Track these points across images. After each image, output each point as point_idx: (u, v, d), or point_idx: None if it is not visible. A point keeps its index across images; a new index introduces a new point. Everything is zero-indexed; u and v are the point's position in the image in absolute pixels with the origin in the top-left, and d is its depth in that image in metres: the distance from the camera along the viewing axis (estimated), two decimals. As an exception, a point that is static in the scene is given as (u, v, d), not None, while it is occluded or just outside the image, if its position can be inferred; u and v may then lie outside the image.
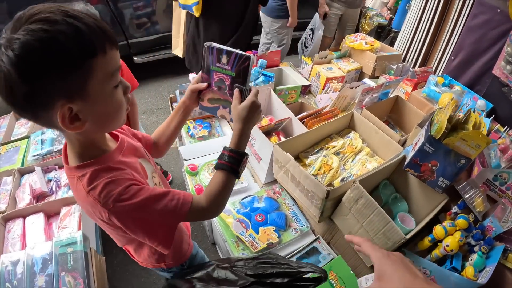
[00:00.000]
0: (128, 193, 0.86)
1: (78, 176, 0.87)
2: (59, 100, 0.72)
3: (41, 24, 0.66)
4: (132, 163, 0.99)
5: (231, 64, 1.03)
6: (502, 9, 2.05)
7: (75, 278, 1.59)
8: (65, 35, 0.67)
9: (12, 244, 1.78)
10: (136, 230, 0.91)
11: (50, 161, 2.24)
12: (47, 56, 0.66)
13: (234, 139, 1.06)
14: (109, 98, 0.80)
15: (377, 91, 2.03)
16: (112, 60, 0.76)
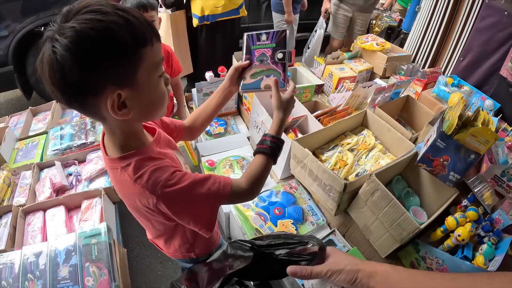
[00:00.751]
0: (174, 178, 0.90)
1: (122, 167, 0.90)
2: (110, 86, 0.75)
3: (95, 15, 0.69)
4: (169, 153, 1.04)
5: (270, 39, 1.12)
6: (510, 11, 2.11)
7: (100, 268, 1.62)
8: (118, 25, 0.71)
9: (33, 237, 1.82)
10: (182, 215, 0.95)
11: (69, 156, 2.29)
12: (102, 44, 0.69)
13: (275, 127, 1.12)
14: (154, 87, 0.84)
15: (389, 90, 2.11)
16: (157, 51, 0.81)
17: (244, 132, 2.49)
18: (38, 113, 2.85)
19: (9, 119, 2.79)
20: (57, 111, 2.77)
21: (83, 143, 2.34)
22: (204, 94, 2.40)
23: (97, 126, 2.52)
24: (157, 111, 0.90)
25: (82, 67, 0.69)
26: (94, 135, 2.41)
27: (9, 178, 2.15)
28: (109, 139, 0.94)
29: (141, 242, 2.41)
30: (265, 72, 1.13)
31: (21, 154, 2.40)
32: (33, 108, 2.80)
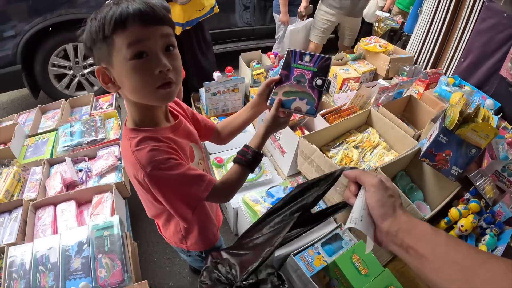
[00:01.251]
0: (167, 164, 0.95)
1: (129, 137, 0.98)
2: (102, 63, 0.91)
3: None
4: (181, 143, 1.09)
5: (313, 62, 1.07)
6: (509, 13, 2.17)
7: (113, 260, 1.64)
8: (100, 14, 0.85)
9: (43, 231, 1.85)
10: (163, 198, 1.01)
11: (80, 152, 2.33)
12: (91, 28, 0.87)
13: (258, 141, 1.13)
14: (128, 67, 0.87)
15: (392, 90, 2.17)
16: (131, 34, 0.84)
17: (251, 130, 2.54)
18: (47, 111, 2.88)
19: (17, 116, 2.83)
20: (66, 109, 2.82)
21: (93, 140, 2.38)
22: (212, 93, 2.45)
23: (107, 124, 2.57)
24: (142, 93, 0.93)
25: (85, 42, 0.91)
26: (104, 132, 2.45)
27: (19, 174, 2.18)
28: (128, 112, 1.04)
29: (148, 239, 2.45)
30: (299, 94, 1.09)
31: (31, 150, 2.43)
32: (42, 106, 2.84)
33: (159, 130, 1.02)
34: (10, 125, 2.51)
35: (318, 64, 1.07)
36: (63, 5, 3.37)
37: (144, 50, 0.86)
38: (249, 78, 2.56)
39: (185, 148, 1.12)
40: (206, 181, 1.04)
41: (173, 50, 0.92)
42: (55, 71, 3.66)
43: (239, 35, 4.62)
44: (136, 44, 0.85)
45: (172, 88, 0.93)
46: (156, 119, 1.04)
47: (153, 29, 0.86)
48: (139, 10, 0.84)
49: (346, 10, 3.71)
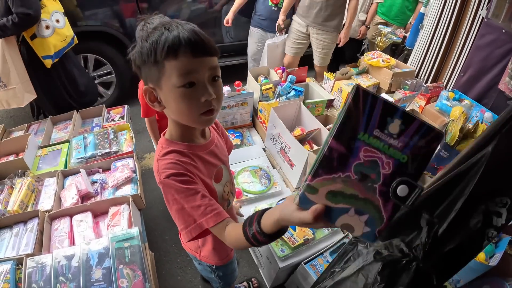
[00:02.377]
0: (180, 177, 0.97)
1: (162, 146, 1.05)
2: (150, 82, 0.95)
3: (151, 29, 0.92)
4: (210, 163, 1.12)
5: (404, 139, 0.56)
6: (507, 30, 2.27)
7: (134, 270, 1.68)
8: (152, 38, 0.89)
9: (60, 242, 1.87)
10: (168, 206, 1.02)
11: (94, 164, 2.36)
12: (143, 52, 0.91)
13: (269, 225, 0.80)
14: (176, 94, 0.91)
15: (396, 105, 2.25)
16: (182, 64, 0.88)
17: (259, 143, 2.63)
18: (58, 122, 2.94)
19: (28, 126, 2.88)
20: (78, 121, 2.87)
21: (107, 152, 2.43)
22: (222, 107, 2.52)
23: (119, 136, 2.63)
24: (184, 117, 0.98)
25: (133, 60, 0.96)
26: (117, 144, 2.51)
27: (33, 185, 2.20)
28: (169, 124, 1.08)
29: (160, 248, 2.50)
30: (357, 203, 0.61)
31: (43, 161, 2.47)
32: (53, 117, 2.89)
33: (189, 147, 1.06)
34: (22, 136, 2.54)
35: (414, 147, 0.56)
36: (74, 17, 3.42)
37: (192, 80, 0.90)
38: (258, 93, 2.63)
39: (213, 169, 1.14)
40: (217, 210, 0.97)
41: (217, 80, 0.95)
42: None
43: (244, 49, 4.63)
44: (187, 75, 0.89)
45: (214, 114, 0.98)
46: (192, 136, 1.09)
47: (202, 61, 0.90)
48: (190, 40, 0.87)
49: (310, 19, 3.40)
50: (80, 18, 3.45)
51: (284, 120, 2.18)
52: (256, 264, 2.27)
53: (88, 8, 3.40)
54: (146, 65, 0.93)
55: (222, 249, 1.39)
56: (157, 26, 0.92)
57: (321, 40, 3.49)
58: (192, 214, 0.97)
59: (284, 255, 1.82)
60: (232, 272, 1.61)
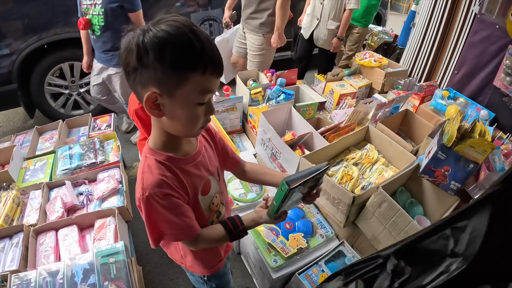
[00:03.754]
0: (165, 200, 0.97)
1: (146, 155, 1.01)
2: (153, 84, 0.84)
3: (169, 27, 0.80)
4: (196, 176, 1.08)
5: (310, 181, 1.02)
6: (501, 25, 2.22)
7: (119, 287, 1.62)
8: (179, 43, 0.80)
9: (46, 257, 1.81)
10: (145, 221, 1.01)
11: (79, 176, 2.29)
12: (159, 51, 0.79)
13: (250, 223, 1.18)
14: (188, 109, 0.89)
15: (389, 105, 2.20)
16: (206, 82, 0.85)
17: (250, 149, 2.56)
18: (44, 132, 2.86)
19: (14, 137, 2.79)
20: (64, 131, 2.79)
21: (93, 163, 2.36)
22: (210, 113, 2.47)
23: (106, 146, 2.56)
24: (184, 129, 0.95)
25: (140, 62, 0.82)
26: (103, 154, 2.44)
27: (18, 198, 2.14)
28: (152, 130, 1.02)
29: (151, 260, 2.43)
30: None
31: (29, 173, 2.40)
32: (39, 127, 2.81)
33: (175, 159, 1.02)
34: (7, 147, 2.47)
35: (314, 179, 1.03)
36: (58, 24, 3.38)
37: (206, 100, 0.89)
38: (247, 97, 2.57)
39: (199, 182, 1.10)
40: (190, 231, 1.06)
41: None
42: (51, 90, 3.65)
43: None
44: (207, 94, 0.88)
45: (206, 126, 1.00)
46: (177, 145, 1.04)
47: (218, 81, 0.90)
48: (217, 60, 0.86)
49: (243, 17, 3.28)
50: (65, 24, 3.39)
51: (275, 125, 2.11)
52: (250, 274, 2.21)
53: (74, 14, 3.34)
54: (159, 69, 0.82)
55: (207, 257, 1.35)
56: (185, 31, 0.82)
57: (248, 39, 3.32)
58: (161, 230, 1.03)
59: (277, 265, 1.75)
60: (226, 284, 1.55)
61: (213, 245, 1.19)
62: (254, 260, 2.00)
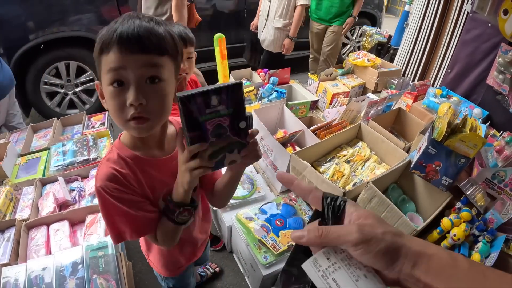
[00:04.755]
0: (114, 192, 0.93)
1: (113, 147, 1.00)
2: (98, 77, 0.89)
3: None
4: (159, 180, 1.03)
5: (225, 102, 0.77)
6: (493, 23, 2.23)
7: (108, 280, 1.63)
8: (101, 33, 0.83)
9: (36, 251, 1.82)
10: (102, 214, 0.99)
11: (72, 172, 2.30)
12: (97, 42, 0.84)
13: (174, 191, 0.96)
14: (106, 92, 0.86)
15: (381, 104, 2.20)
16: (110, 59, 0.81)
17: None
18: (38, 130, 2.86)
19: (9, 135, 2.80)
20: (58, 128, 2.80)
21: (86, 159, 2.37)
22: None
23: (99, 143, 2.56)
24: (116, 121, 0.89)
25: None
26: (96, 151, 2.44)
27: (11, 193, 2.15)
28: None
29: (143, 258, 2.39)
30: (226, 149, 0.84)
31: (23, 169, 2.41)
32: (33, 124, 2.82)
33: (139, 158, 0.98)
34: (1, 144, 2.47)
35: (231, 101, 0.78)
36: (55, 22, 3.39)
37: (119, 79, 0.82)
38: (240, 96, 2.58)
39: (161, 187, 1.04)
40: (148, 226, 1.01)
41: (157, 83, 0.85)
42: (46, 89, 3.66)
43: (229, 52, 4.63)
44: (113, 72, 0.82)
45: (145, 124, 0.86)
46: (145, 146, 1.00)
47: (133, 58, 0.81)
48: (123, 35, 0.80)
49: None
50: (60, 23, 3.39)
51: (267, 123, 2.11)
52: (242, 272, 2.20)
53: (68, 13, 3.34)
54: (95, 60, 0.87)
55: (166, 261, 1.34)
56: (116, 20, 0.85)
57: None
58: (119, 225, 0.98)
59: (267, 262, 1.74)
60: (184, 286, 1.58)
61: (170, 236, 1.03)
62: (245, 258, 2.00)
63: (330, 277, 0.49)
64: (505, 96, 2.15)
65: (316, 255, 0.51)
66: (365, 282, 0.48)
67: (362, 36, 4.16)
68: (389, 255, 0.47)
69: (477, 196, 1.58)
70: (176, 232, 1.03)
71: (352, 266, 0.49)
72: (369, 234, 0.47)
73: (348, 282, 0.48)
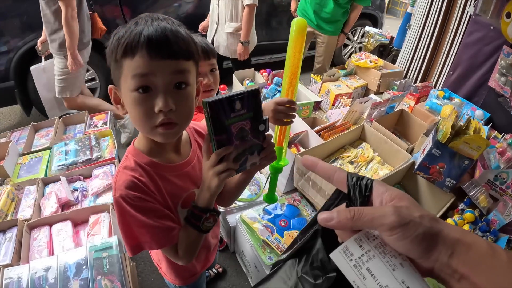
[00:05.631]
0: (135, 201, 0.89)
1: (128, 154, 0.96)
2: (114, 81, 0.87)
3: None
4: (178, 187, 1.00)
5: (246, 107, 0.81)
6: (495, 26, 2.24)
7: (112, 281, 1.61)
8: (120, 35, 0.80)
9: (39, 251, 1.80)
10: (118, 224, 0.93)
11: (74, 171, 2.29)
12: (109, 47, 0.83)
13: (199, 196, 0.94)
14: (128, 98, 0.83)
15: (384, 105, 2.21)
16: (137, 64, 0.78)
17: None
18: (40, 129, 2.85)
19: (10, 134, 2.79)
20: (60, 127, 2.80)
21: (88, 159, 2.36)
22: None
23: (102, 143, 2.56)
24: (141, 128, 0.88)
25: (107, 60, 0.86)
26: (99, 151, 2.43)
27: (13, 193, 2.14)
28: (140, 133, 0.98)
29: (145, 258, 2.42)
30: (247, 151, 0.87)
31: (25, 169, 2.40)
32: (35, 123, 2.81)
33: (157, 165, 0.96)
34: (3, 143, 2.46)
35: (251, 105, 0.82)
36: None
37: (147, 84, 0.80)
38: (243, 97, 2.58)
39: (181, 193, 1.03)
40: (169, 236, 0.96)
41: (184, 88, 0.84)
42: (48, 89, 3.65)
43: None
44: (141, 78, 0.79)
45: (174, 130, 0.86)
46: (162, 151, 0.98)
47: (163, 64, 0.79)
48: (151, 39, 0.77)
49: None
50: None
51: (270, 124, 2.11)
52: (245, 272, 2.20)
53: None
54: (111, 64, 0.84)
55: (180, 269, 1.30)
56: (132, 21, 0.82)
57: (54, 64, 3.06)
58: (138, 236, 0.93)
59: (271, 263, 1.75)
60: None
61: (192, 247, 0.99)
62: (249, 258, 2.00)
63: (364, 267, 0.45)
64: (507, 98, 2.16)
65: (346, 243, 0.47)
66: (402, 272, 0.44)
67: (364, 37, 4.15)
68: (427, 241, 0.43)
69: (480, 198, 1.59)
70: (199, 242, 1.00)
71: (387, 254, 0.45)
72: (406, 217, 0.43)
73: (385, 272, 0.44)
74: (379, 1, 5.24)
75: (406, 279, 0.43)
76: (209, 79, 1.46)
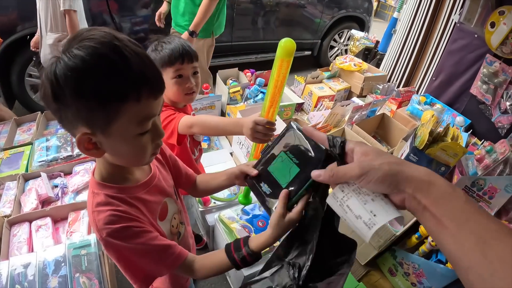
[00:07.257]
0: (124, 233, 0.83)
1: (93, 191, 0.85)
2: (81, 124, 0.70)
3: (83, 50, 0.64)
4: (152, 202, 0.96)
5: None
6: (479, 34, 2.27)
7: (90, 279, 1.60)
8: (98, 70, 0.65)
9: (18, 248, 1.79)
10: (118, 264, 0.89)
11: (55, 168, 2.26)
12: (75, 86, 0.65)
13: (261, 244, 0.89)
14: (131, 141, 0.76)
15: (366, 109, 2.22)
16: (144, 108, 0.71)
17: (227, 147, 2.56)
18: (22, 123, 2.81)
19: (-9, 128, 2.75)
20: (42, 122, 2.76)
21: (69, 155, 2.33)
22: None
23: (83, 139, 2.52)
24: (133, 162, 0.86)
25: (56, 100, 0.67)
26: (80, 147, 2.40)
27: None
28: (97, 161, 0.88)
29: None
30: None
31: (5, 164, 2.36)
32: (17, 118, 2.77)
33: (127, 189, 0.89)
34: (-17, 138, 2.43)
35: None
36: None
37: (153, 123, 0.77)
38: (226, 96, 2.58)
39: (156, 208, 0.99)
40: (174, 254, 0.91)
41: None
42: (31, 82, 3.59)
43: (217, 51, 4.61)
44: (149, 121, 0.75)
45: (158, 152, 0.88)
46: (126, 175, 0.92)
47: (160, 100, 0.76)
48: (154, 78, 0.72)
49: None
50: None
51: (252, 123, 2.11)
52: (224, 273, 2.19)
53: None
54: (82, 106, 0.67)
55: (175, 279, 1.26)
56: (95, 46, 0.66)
57: None
58: (142, 267, 0.90)
59: (248, 262, 1.75)
60: None
61: (220, 273, 0.96)
62: (227, 257, 1.99)
63: (345, 204, 0.62)
64: (488, 105, 2.19)
65: (334, 190, 0.65)
66: (371, 204, 0.60)
67: (349, 40, 4.17)
68: (388, 180, 0.57)
69: (456, 203, 1.61)
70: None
71: (361, 194, 0.61)
72: (367, 166, 0.58)
73: (358, 206, 0.61)
74: (367, 5, 5.25)
75: (373, 209, 0.59)
76: (191, 82, 1.46)
